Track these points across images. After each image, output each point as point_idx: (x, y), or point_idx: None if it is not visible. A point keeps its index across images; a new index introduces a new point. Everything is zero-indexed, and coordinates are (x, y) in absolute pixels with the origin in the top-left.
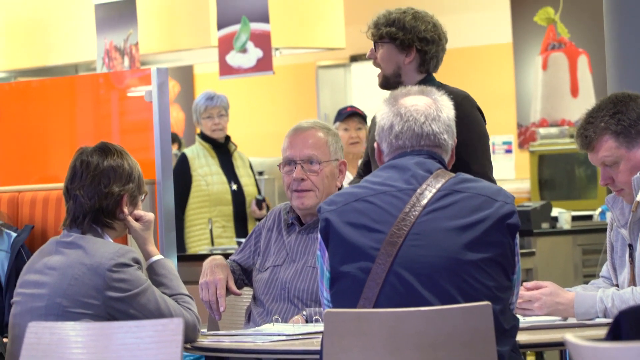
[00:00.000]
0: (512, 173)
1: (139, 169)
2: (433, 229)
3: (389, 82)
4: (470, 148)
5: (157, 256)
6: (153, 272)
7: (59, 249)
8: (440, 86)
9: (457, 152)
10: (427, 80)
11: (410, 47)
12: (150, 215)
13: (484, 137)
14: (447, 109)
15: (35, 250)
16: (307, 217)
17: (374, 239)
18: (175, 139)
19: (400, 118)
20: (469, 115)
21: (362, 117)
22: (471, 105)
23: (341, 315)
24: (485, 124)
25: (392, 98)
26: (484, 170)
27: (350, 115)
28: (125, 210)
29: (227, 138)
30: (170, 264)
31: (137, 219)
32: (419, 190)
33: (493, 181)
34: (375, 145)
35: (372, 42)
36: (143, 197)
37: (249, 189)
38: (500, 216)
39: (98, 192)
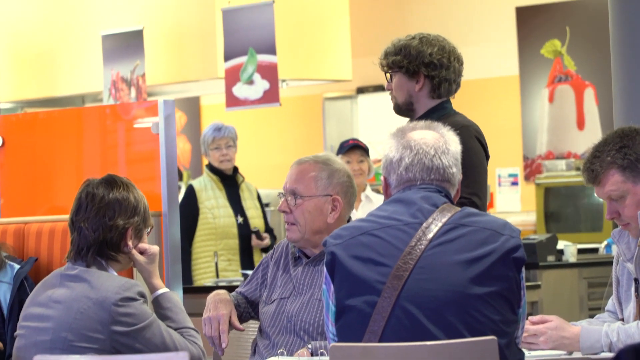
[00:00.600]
0: (518, 205)
1: (145, 202)
2: (439, 262)
3: (402, 110)
4: (462, 175)
5: (163, 289)
6: (159, 305)
7: (64, 282)
8: (451, 115)
9: None
10: (442, 106)
11: (417, 74)
12: (155, 248)
13: (478, 167)
14: (454, 143)
15: (39, 281)
16: (307, 249)
17: (380, 272)
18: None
19: (410, 150)
20: (464, 144)
21: (364, 149)
22: (468, 134)
23: (347, 349)
24: (487, 154)
25: (399, 132)
26: (472, 200)
27: (352, 147)
28: (130, 243)
29: (235, 169)
30: (176, 297)
31: (142, 252)
32: (425, 224)
33: (483, 211)
34: (382, 178)
35: (385, 73)
36: (149, 231)
37: (256, 222)
38: (506, 250)
39: (102, 224)
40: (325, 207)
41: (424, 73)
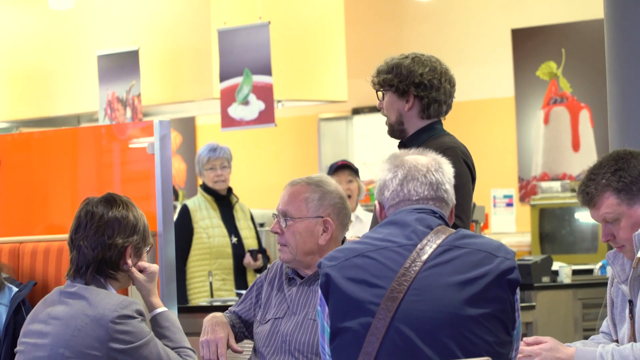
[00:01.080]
0: (513, 226)
1: (145, 221)
2: (433, 284)
3: (394, 130)
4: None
5: (161, 308)
6: (157, 324)
7: (63, 299)
8: (440, 135)
9: None
10: (432, 127)
11: (407, 94)
12: (154, 267)
13: (462, 189)
14: (447, 166)
15: (35, 303)
16: (300, 270)
17: (374, 294)
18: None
19: (403, 169)
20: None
21: (353, 169)
22: (455, 155)
23: None
24: (473, 176)
25: (392, 156)
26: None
27: (340, 167)
28: (129, 262)
29: (229, 190)
30: (174, 317)
31: (141, 271)
32: (419, 246)
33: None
34: (375, 203)
35: (376, 92)
36: (148, 249)
37: (249, 242)
38: (500, 272)
39: (101, 243)
40: (316, 229)
41: (413, 93)
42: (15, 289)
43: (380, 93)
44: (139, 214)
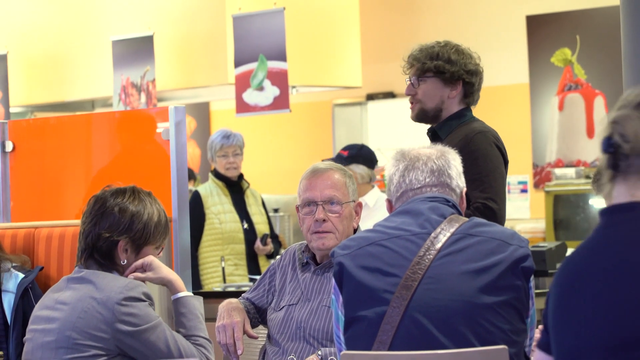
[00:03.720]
0: (527, 213)
1: (157, 220)
2: (448, 272)
3: (428, 116)
4: (477, 183)
5: (181, 293)
6: (175, 309)
7: (70, 284)
8: (470, 121)
9: (467, 188)
10: (462, 113)
11: (457, 80)
12: (147, 258)
13: (494, 172)
14: (452, 154)
15: (47, 288)
16: (325, 257)
17: (389, 282)
18: (191, 175)
19: (410, 159)
20: (479, 150)
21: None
22: (486, 140)
23: (358, 357)
24: (505, 160)
25: (399, 153)
26: (487, 204)
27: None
28: (122, 256)
29: (240, 176)
30: (194, 303)
31: (137, 268)
32: (433, 234)
33: (500, 216)
34: (385, 200)
35: (411, 77)
36: (159, 252)
37: (260, 227)
38: (514, 260)
39: (92, 232)
40: (353, 213)
41: (465, 79)
42: (21, 276)
43: (415, 80)
44: (148, 212)
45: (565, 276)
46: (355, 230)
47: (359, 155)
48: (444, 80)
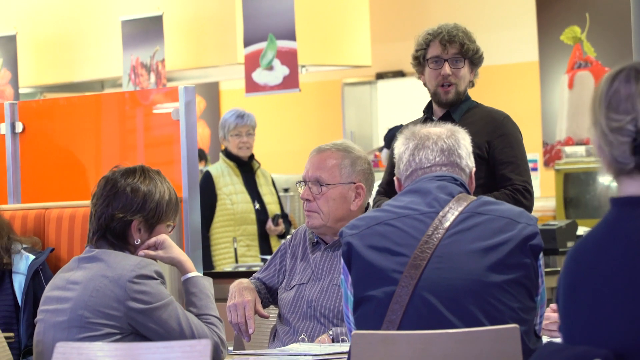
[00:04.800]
0: (537, 191)
1: (168, 198)
2: (456, 251)
3: (459, 99)
4: (513, 165)
5: (191, 273)
6: (185, 289)
7: (81, 264)
8: (478, 104)
9: (502, 169)
10: (468, 97)
11: (478, 64)
12: (160, 237)
13: (526, 158)
14: (462, 134)
15: (58, 268)
16: (326, 236)
17: (397, 262)
18: (202, 155)
19: (420, 138)
20: (512, 134)
21: None
22: (514, 126)
23: (368, 337)
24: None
25: (408, 131)
26: (526, 187)
27: None
28: (136, 236)
29: (251, 156)
30: (204, 282)
31: (149, 247)
32: (441, 213)
33: (532, 198)
34: (395, 179)
35: (452, 57)
36: (170, 229)
37: (272, 207)
38: (523, 238)
39: (105, 213)
40: (349, 195)
41: (478, 64)
42: (32, 257)
43: (458, 60)
44: (159, 190)
45: (573, 268)
46: (366, 209)
47: (386, 138)
48: (471, 65)
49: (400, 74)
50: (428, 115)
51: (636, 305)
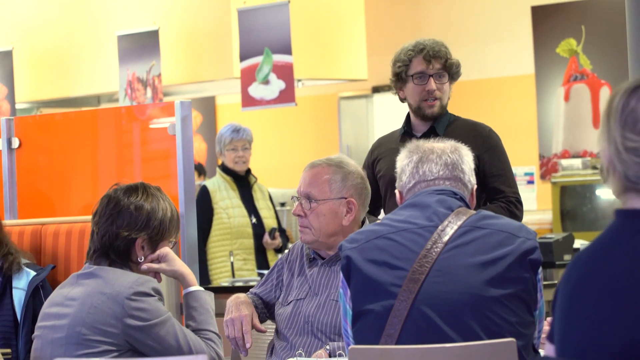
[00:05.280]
0: (534, 204)
1: (170, 215)
2: (455, 265)
3: (442, 113)
4: (503, 178)
5: (192, 287)
6: (186, 303)
7: (80, 281)
8: (457, 117)
9: (493, 182)
10: (446, 111)
11: (456, 79)
12: (163, 250)
13: (511, 167)
14: (465, 150)
15: (57, 285)
16: (321, 251)
17: (396, 275)
18: (201, 170)
19: (418, 154)
20: (498, 146)
21: None
22: (497, 137)
23: (365, 351)
24: None
25: (409, 145)
26: (518, 199)
27: None
28: (140, 254)
29: (248, 170)
30: (205, 297)
31: (152, 261)
32: (440, 227)
33: (522, 208)
34: (396, 191)
35: (438, 72)
36: (172, 245)
37: (268, 222)
38: (522, 252)
39: (110, 231)
40: (340, 210)
41: (457, 78)
42: (33, 273)
43: (443, 74)
44: (162, 207)
45: (575, 277)
46: (362, 223)
47: None
48: (452, 78)
49: None
50: (407, 130)
51: (636, 315)
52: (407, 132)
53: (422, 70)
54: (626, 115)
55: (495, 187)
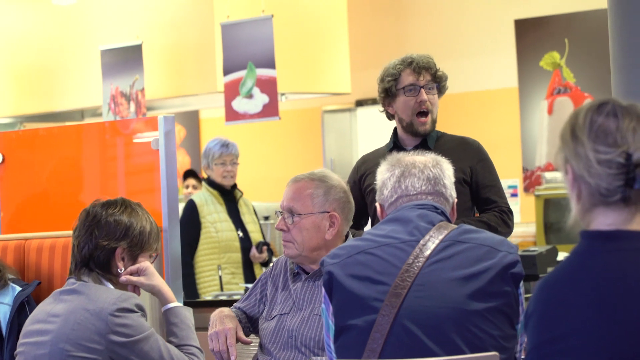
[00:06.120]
0: (517, 217)
1: (149, 228)
2: (437, 279)
3: (432, 127)
4: (495, 189)
5: (172, 304)
6: (166, 319)
7: (62, 297)
8: (443, 133)
9: (485, 192)
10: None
11: (443, 93)
12: (143, 264)
13: (497, 176)
14: (446, 164)
15: (40, 300)
16: (305, 265)
17: (378, 290)
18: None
19: (400, 167)
20: (488, 159)
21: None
22: (485, 150)
23: None
24: None
25: (390, 158)
26: (509, 208)
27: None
28: (120, 265)
29: (234, 185)
30: (185, 313)
31: (132, 273)
32: (422, 242)
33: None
34: (376, 204)
35: (428, 84)
36: (152, 260)
37: (255, 236)
38: (503, 266)
39: (89, 242)
40: (322, 224)
41: (444, 92)
42: (18, 289)
43: (434, 87)
44: (140, 220)
45: (542, 303)
46: (346, 238)
47: None
48: (440, 91)
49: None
50: (397, 144)
51: (605, 339)
52: (396, 146)
53: (413, 82)
54: (595, 130)
55: (488, 198)
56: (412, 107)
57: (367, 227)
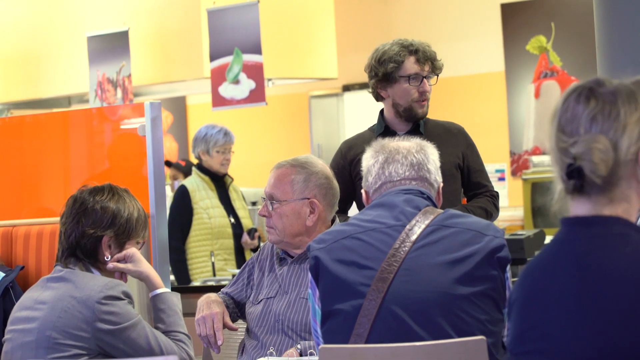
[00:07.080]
0: (505, 201)
1: (137, 215)
2: (423, 264)
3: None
4: (484, 173)
5: (160, 290)
6: (153, 305)
7: (49, 284)
8: (428, 119)
9: (476, 177)
10: None
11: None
12: (129, 251)
13: (481, 161)
14: (431, 149)
15: (27, 287)
16: (289, 250)
17: (365, 275)
18: (187, 172)
19: (389, 152)
20: (474, 144)
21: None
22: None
23: (335, 350)
24: None
25: (374, 145)
26: (497, 193)
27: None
28: (107, 253)
29: None
30: (172, 299)
31: (119, 260)
32: (408, 226)
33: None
34: (362, 191)
35: (429, 74)
36: (140, 246)
37: (246, 222)
38: (490, 250)
39: (76, 230)
40: (303, 211)
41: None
42: (2, 274)
43: (433, 76)
44: (128, 207)
45: (524, 289)
46: (332, 223)
47: None
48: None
49: (366, 85)
50: (387, 128)
51: (585, 325)
52: (388, 131)
53: (417, 72)
54: (560, 115)
55: (478, 182)
56: (414, 95)
57: (352, 212)
